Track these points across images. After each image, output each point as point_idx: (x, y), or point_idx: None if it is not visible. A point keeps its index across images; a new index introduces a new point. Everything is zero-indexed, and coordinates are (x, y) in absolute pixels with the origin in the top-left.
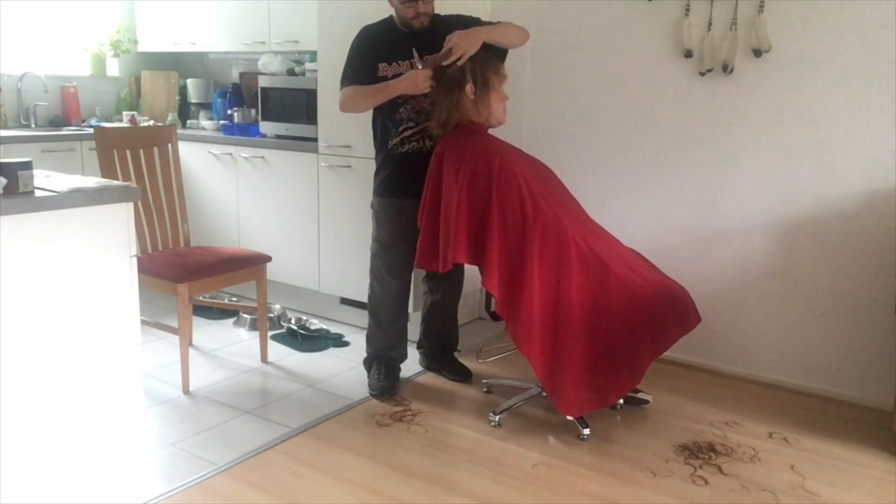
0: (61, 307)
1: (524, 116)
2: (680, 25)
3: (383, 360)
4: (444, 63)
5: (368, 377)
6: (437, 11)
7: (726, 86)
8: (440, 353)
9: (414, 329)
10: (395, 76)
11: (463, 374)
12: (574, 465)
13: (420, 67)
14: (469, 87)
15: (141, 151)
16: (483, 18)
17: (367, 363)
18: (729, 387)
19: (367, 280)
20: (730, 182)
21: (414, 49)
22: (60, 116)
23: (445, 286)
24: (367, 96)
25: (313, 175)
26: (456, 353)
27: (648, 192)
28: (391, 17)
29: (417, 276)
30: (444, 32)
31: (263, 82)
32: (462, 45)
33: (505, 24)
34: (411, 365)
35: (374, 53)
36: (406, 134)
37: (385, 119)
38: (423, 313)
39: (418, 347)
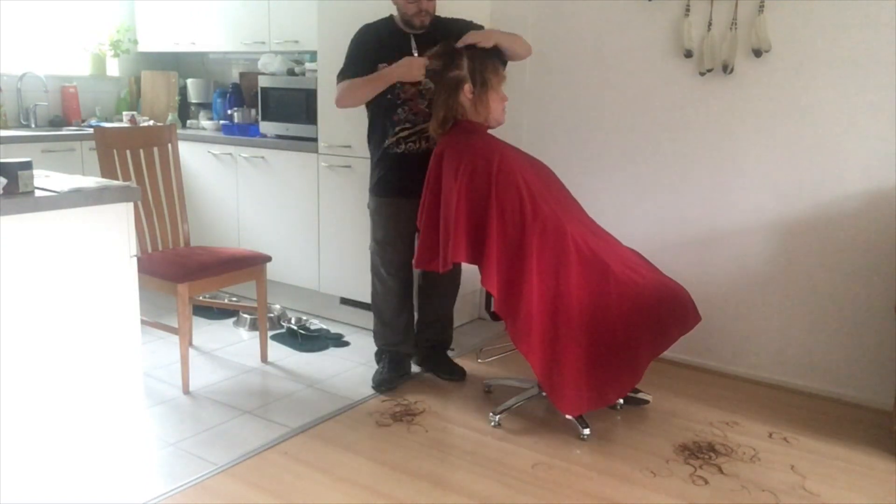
0: (61, 307)
1: (524, 116)
2: (680, 25)
3: (391, 354)
4: (459, 45)
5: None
6: (438, 14)
7: (726, 86)
8: (432, 354)
9: None
10: None
11: (457, 374)
12: (574, 465)
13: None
14: (468, 87)
15: (141, 151)
16: (482, 19)
17: (377, 356)
18: (729, 387)
19: (368, 279)
20: (730, 182)
21: (413, 37)
22: (60, 116)
23: (439, 286)
24: (362, 87)
25: (313, 175)
26: (450, 352)
27: (648, 192)
28: (391, 16)
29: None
30: (444, 35)
31: (263, 82)
32: (477, 36)
33: (517, 36)
34: (411, 365)
35: (374, 52)
36: (402, 135)
37: (384, 119)
38: (418, 313)
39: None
